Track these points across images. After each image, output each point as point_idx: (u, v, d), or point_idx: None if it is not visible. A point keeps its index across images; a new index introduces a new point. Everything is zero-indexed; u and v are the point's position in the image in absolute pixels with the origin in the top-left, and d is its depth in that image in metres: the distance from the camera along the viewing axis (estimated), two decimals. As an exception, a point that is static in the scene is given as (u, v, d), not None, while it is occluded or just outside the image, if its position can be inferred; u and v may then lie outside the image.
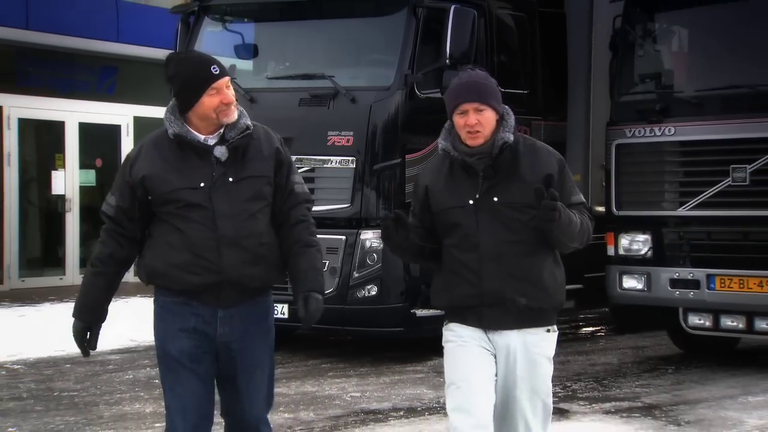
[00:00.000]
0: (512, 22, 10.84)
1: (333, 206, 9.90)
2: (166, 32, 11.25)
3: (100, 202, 4.67)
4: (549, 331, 4.47)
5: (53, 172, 16.44)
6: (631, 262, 9.83)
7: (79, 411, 7.96)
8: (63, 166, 16.44)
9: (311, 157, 9.96)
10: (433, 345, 4.47)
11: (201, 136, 4.33)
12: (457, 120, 4.39)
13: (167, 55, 4.51)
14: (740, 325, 9.35)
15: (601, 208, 10.13)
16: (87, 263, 4.57)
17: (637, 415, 7.90)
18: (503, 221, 4.35)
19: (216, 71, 4.32)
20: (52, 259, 16.71)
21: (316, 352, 10.57)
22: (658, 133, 9.67)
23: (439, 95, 9.04)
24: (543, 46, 11.01)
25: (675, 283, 9.57)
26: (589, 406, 8.18)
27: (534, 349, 4.41)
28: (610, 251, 9.94)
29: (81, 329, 4.44)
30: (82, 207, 16.33)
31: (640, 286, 9.75)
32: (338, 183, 9.93)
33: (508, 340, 4.39)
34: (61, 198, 16.44)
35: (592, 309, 12.71)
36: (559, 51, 11.15)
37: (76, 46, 15.95)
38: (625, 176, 9.93)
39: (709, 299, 9.38)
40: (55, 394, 8.65)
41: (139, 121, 16.29)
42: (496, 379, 4.43)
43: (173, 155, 4.33)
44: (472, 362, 4.40)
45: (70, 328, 4.46)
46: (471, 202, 4.38)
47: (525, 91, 10.71)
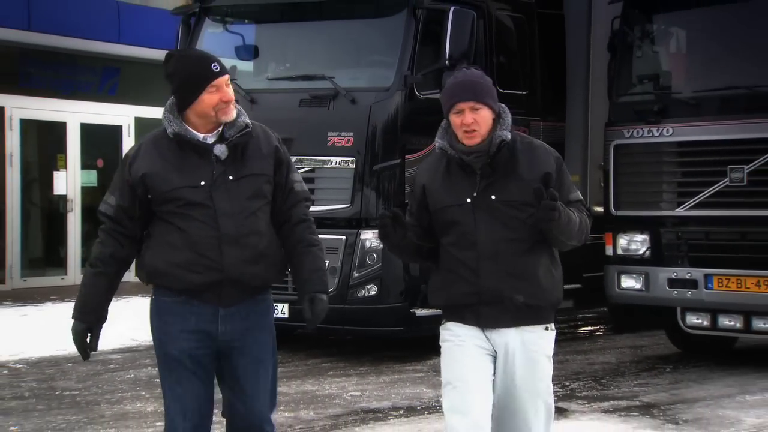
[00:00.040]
0: (511, 23, 10.82)
1: (333, 206, 9.90)
2: (167, 33, 11.27)
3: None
4: (547, 329, 4.44)
5: (55, 172, 16.44)
6: (630, 261, 9.82)
7: (80, 410, 7.96)
8: (65, 167, 16.45)
9: (311, 157, 9.97)
10: (432, 344, 4.46)
11: (200, 135, 4.30)
12: (454, 119, 4.36)
13: (167, 52, 4.47)
14: (738, 325, 9.35)
15: (600, 209, 10.11)
16: (86, 264, 4.50)
17: (635, 414, 7.90)
18: (501, 219, 4.32)
19: (216, 69, 4.29)
20: (53, 259, 16.72)
21: (316, 352, 10.56)
22: (656, 134, 9.67)
23: (438, 96, 9.05)
24: (542, 48, 10.99)
25: (673, 282, 9.57)
26: (587, 405, 8.19)
27: (532, 347, 4.37)
28: (609, 251, 9.94)
29: (82, 330, 4.36)
30: (83, 207, 16.31)
31: (638, 286, 9.75)
32: (338, 183, 9.93)
33: (506, 338, 4.35)
34: (63, 198, 16.44)
35: (591, 308, 12.71)
36: (557, 52, 11.14)
37: (78, 47, 15.95)
38: (624, 176, 9.93)
39: (707, 299, 9.38)
40: (57, 393, 8.64)
41: (141, 122, 16.28)
42: (494, 378, 4.39)
43: (172, 154, 4.30)
44: (469, 362, 4.36)
45: (69, 330, 4.39)
46: (469, 201, 4.35)
47: (524, 92, 10.70)
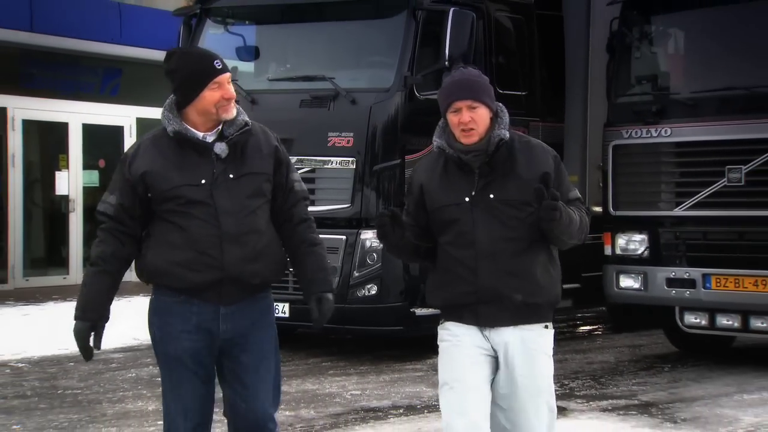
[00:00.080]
0: (510, 24, 10.84)
1: (333, 206, 9.93)
2: (168, 34, 11.29)
3: (103, 202, 4.60)
4: (546, 327, 4.42)
5: (57, 172, 16.45)
6: (628, 261, 9.82)
7: (82, 409, 7.99)
8: (67, 167, 16.46)
9: (312, 157, 10.00)
10: (432, 343, 4.46)
11: (200, 134, 4.30)
12: (451, 118, 4.34)
13: (168, 50, 4.46)
14: (736, 324, 9.35)
15: (599, 209, 10.12)
16: (86, 263, 4.47)
17: (633, 412, 7.92)
18: (499, 218, 4.30)
19: (219, 66, 4.30)
20: (55, 258, 16.74)
21: (316, 351, 10.57)
22: (655, 134, 9.68)
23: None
24: (541, 48, 11.00)
25: (671, 282, 9.56)
26: (586, 404, 8.20)
27: (532, 345, 4.35)
28: (607, 251, 9.93)
29: (85, 329, 4.30)
30: (85, 207, 16.30)
31: (636, 286, 9.75)
32: (338, 183, 9.96)
33: (505, 337, 4.33)
34: (65, 198, 16.46)
35: (590, 308, 12.72)
36: (556, 53, 11.14)
37: (80, 48, 15.96)
38: (622, 177, 9.93)
39: (705, 298, 9.39)
40: (59, 392, 8.67)
41: (142, 123, 16.25)
42: (495, 378, 4.38)
43: (172, 152, 4.29)
44: (466, 362, 4.35)
45: (71, 330, 4.31)
46: (467, 200, 4.33)
47: (523, 93, 10.71)
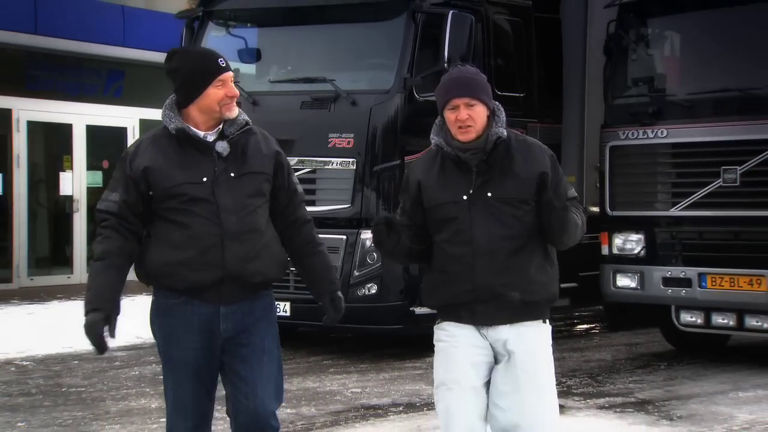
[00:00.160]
0: (509, 26, 10.88)
1: (334, 206, 9.98)
2: (171, 37, 11.33)
3: (107, 203, 4.50)
4: (544, 322, 4.39)
5: (61, 173, 16.50)
6: (625, 261, 9.85)
7: (86, 406, 8.02)
8: (71, 168, 16.51)
9: (312, 158, 10.05)
10: (431, 342, 4.47)
11: (201, 133, 4.30)
12: (448, 115, 4.31)
13: (170, 50, 4.44)
14: (731, 323, 9.40)
15: (596, 209, 10.17)
16: (92, 259, 4.36)
17: (630, 410, 7.96)
18: (497, 216, 4.28)
19: (223, 63, 4.31)
20: (60, 258, 16.77)
21: (317, 349, 10.61)
22: (651, 136, 9.71)
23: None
24: (539, 50, 11.03)
25: (667, 281, 9.60)
26: (583, 402, 8.24)
27: (531, 341, 4.32)
28: (604, 250, 9.96)
29: (100, 321, 4.17)
30: (89, 207, 16.30)
31: (633, 285, 9.78)
32: (339, 184, 10.00)
33: (503, 335, 4.30)
34: (69, 199, 16.50)
35: (587, 307, 12.70)
36: (554, 55, 11.18)
37: (84, 51, 16.00)
38: (619, 177, 9.97)
39: (701, 297, 9.42)
40: (63, 389, 8.71)
41: (145, 124, 16.24)
42: (494, 376, 4.35)
43: (173, 151, 4.28)
44: (463, 363, 4.33)
45: (83, 326, 4.18)
46: (465, 198, 4.30)
47: (521, 94, 10.74)
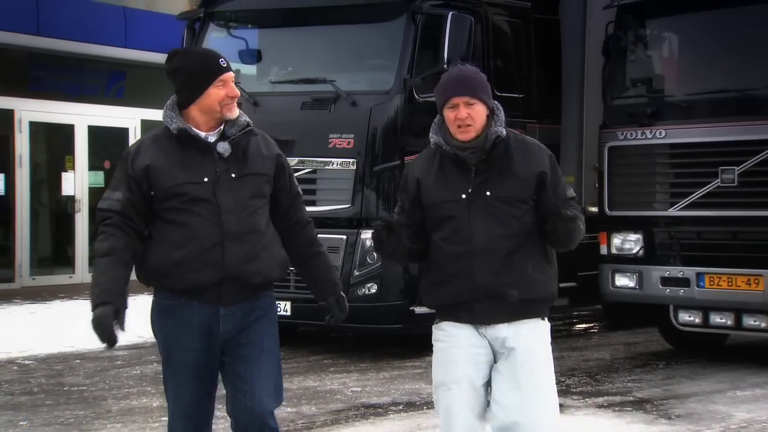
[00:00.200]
0: (508, 27, 10.91)
1: (334, 206, 10.01)
2: (172, 38, 11.35)
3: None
4: (542, 319, 4.39)
5: (63, 173, 16.53)
6: (623, 260, 9.88)
7: (88, 405, 8.05)
8: (73, 168, 16.54)
9: (313, 158, 10.08)
10: (430, 341, 4.49)
11: (202, 133, 4.29)
12: (448, 114, 4.30)
13: (170, 50, 4.44)
14: (729, 322, 9.43)
15: (594, 209, 10.19)
16: (96, 256, 4.28)
17: (629, 409, 7.98)
18: (495, 216, 4.27)
19: (224, 64, 4.31)
20: (62, 258, 16.80)
21: (317, 348, 10.63)
22: (650, 136, 9.73)
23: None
24: (538, 51, 11.05)
25: (666, 281, 9.63)
26: (582, 401, 8.26)
27: (530, 338, 4.32)
28: (603, 250, 9.99)
29: (109, 314, 4.13)
30: (91, 208, 16.26)
31: (632, 284, 9.80)
32: (339, 184, 10.03)
33: (501, 333, 4.31)
34: (71, 199, 16.54)
35: (586, 306, 12.72)
36: (553, 56, 11.19)
37: (86, 52, 16.04)
38: (618, 177, 9.99)
39: (699, 297, 9.44)
40: (65, 388, 8.73)
41: (147, 124, 16.24)
42: (494, 375, 4.36)
43: (174, 151, 4.27)
44: (463, 363, 4.33)
45: (91, 320, 4.13)
46: (464, 197, 4.29)
47: (520, 95, 10.76)
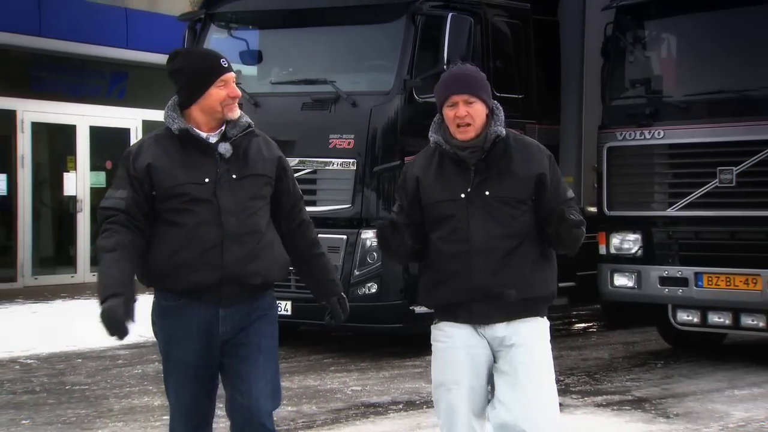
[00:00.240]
0: (507, 29, 10.93)
1: (334, 207, 10.04)
2: (173, 39, 11.39)
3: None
4: (542, 317, 4.38)
5: (65, 173, 16.58)
6: (622, 260, 9.90)
7: (90, 404, 8.07)
8: (74, 168, 16.59)
9: (313, 159, 10.11)
10: (430, 341, 4.52)
11: (203, 134, 4.29)
12: (447, 112, 4.29)
13: (172, 51, 4.44)
14: (727, 322, 9.44)
15: (593, 209, 10.21)
16: (102, 252, 4.22)
17: (627, 408, 8.00)
18: (494, 215, 4.26)
19: (225, 64, 4.32)
20: (63, 257, 16.85)
21: (318, 348, 10.66)
22: (648, 137, 9.75)
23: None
24: (537, 52, 11.07)
25: (664, 280, 9.65)
26: (581, 400, 8.28)
27: (529, 336, 4.31)
28: (602, 250, 10.00)
29: (121, 304, 4.09)
30: (92, 207, 16.32)
31: (630, 284, 9.82)
32: (339, 184, 10.06)
33: (500, 332, 4.30)
34: (73, 199, 16.59)
35: (585, 306, 12.74)
36: (552, 57, 11.22)
37: (87, 53, 16.08)
38: (616, 178, 10.01)
39: (697, 296, 9.47)
40: (67, 387, 8.76)
41: (148, 125, 16.29)
42: (488, 378, 4.36)
43: (175, 151, 4.27)
44: (462, 363, 4.33)
45: (100, 314, 4.09)
46: (462, 196, 4.28)
47: (520, 96, 10.79)
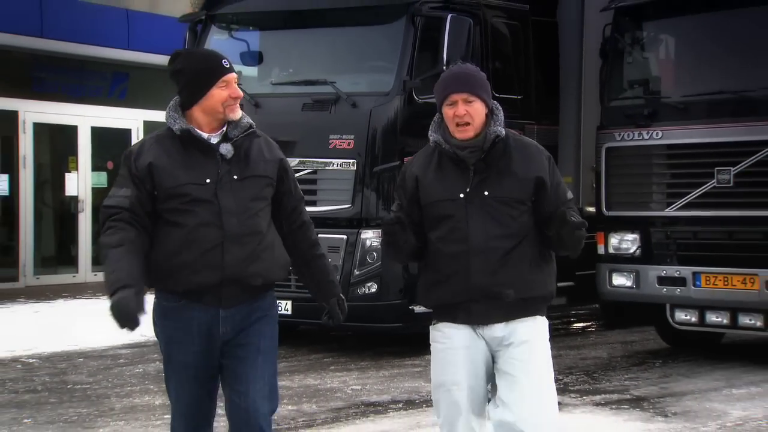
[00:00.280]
0: (506, 30, 10.97)
1: (334, 207, 10.08)
2: (174, 40, 11.43)
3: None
4: (541, 316, 4.38)
5: (66, 174, 16.62)
6: (621, 260, 9.91)
7: (91, 403, 8.10)
8: (76, 169, 16.64)
9: (313, 159, 10.15)
10: (429, 340, 4.54)
11: (205, 134, 4.28)
12: (446, 111, 4.28)
13: (173, 52, 4.43)
14: (725, 321, 9.47)
15: (592, 209, 10.24)
16: (107, 248, 4.17)
17: (626, 407, 8.03)
18: (493, 215, 4.25)
19: (226, 65, 4.31)
20: (65, 257, 16.89)
21: (318, 347, 10.69)
22: (646, 137, 9.77)
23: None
24: (536, 53, 11.11)
25: (662, 280, 9.67)
26: (580, 399, 8.30)
27: (527, 334, 4.31)
28: (600, 250, 10.02)
29: (131, 295, 4.05)
30: (94, 208, 16.36)
31: (629, 284, 9.84)
32: (339, 185, 10.09)
33: (498, 332, 4.30)
34: (74, 199, 16.63)
35: (583, 305, 12.76)
36: (551, 58, 11.26)
37: (89, 54, 16.12)
38: (615, 178, 10.03)
39: (695, 296, 9.50)
40: (69, 386, 8.79)
41: (149, 125, 16.33)
42: (488, 378, 4.37)
43: (176, 151, 4.25)
44: (461, 363, 4.33)
45: (110, 307, 4.05)
46: (461, 196, 4.27)
47: (519, 96, 10.81)
